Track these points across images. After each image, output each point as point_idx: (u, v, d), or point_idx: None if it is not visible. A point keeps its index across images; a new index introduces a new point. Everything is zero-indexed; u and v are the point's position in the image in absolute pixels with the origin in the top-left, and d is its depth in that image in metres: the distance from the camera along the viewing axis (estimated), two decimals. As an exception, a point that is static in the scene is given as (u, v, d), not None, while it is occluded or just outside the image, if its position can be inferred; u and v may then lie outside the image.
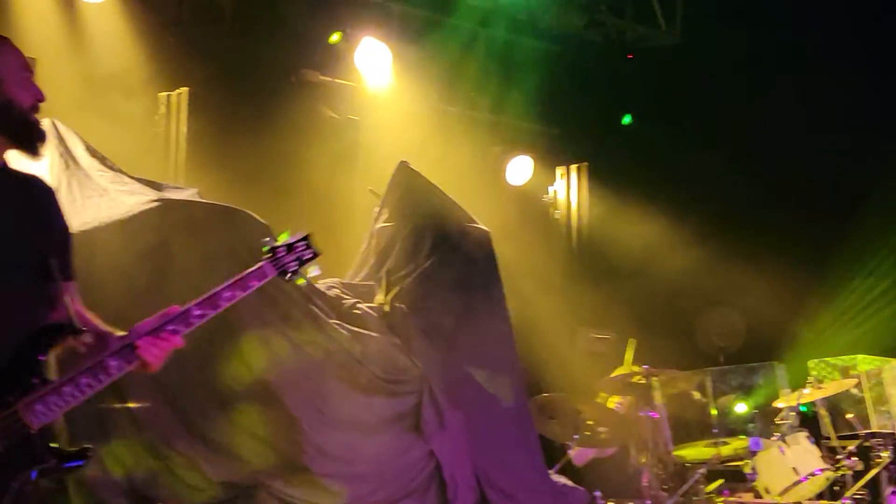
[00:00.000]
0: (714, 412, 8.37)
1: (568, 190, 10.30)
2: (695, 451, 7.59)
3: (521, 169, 9.87)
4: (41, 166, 3.54)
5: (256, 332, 4.81)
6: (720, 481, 7.55)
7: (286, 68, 8.32)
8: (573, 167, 10.36)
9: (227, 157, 7.37)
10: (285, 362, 4.83)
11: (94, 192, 5.10)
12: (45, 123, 3.47)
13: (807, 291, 10.47)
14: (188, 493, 4.71)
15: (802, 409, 8.27)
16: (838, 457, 7.68)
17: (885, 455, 7.74)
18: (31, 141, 3.17)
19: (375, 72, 8.63)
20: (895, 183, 10.75)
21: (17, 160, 3.22)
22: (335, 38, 8.50)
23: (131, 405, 4.68)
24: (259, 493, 4.66)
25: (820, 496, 7.80)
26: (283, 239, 3.23)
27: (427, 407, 5.18)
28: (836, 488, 7.74)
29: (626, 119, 10.86)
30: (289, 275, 3.22)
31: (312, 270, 3.29)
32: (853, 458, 7.60)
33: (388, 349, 5.20)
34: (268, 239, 3.24)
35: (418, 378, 5.21)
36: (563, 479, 6.15)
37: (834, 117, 10.12)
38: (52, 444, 3.02)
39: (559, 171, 10.39)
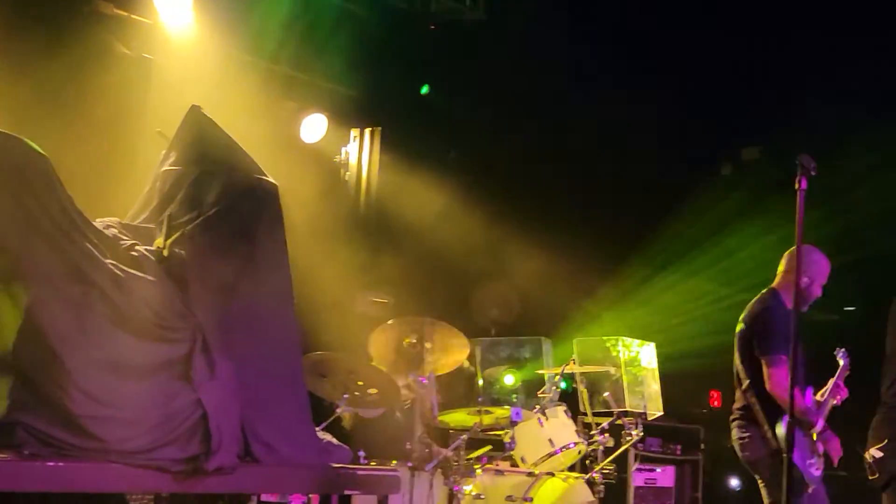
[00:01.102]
0: (480, 381, 8.65)
1: (360, 153, 10.33)
2: (459, 418, 7.81)
3: (314, 127, 9.84)
4: None
5: (22, 263, 4.62)
6: (488, 447, 7.80)
7: (80, -4, 8.00)
8: (367, 130, 10.40)
9: (5, 80, 7.02)
10: (51, 297, 4.66)
11: None
12: None
13: (581, 273, 10.93)
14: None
15: (564, 384, 8.67)
16: (592, 432, 8.11)
17: (635, 433, 8.23)
18: None
19: (175, 11, 8.39)
20: (677, 176, 11.35)
21: None
22: (135, -29, 8.24)
23: None
24: (17, 430, 4.49)
25: (572, 468, 8.21)
26: None
27: (198, 355, 5.11)
28: (587, 462, 8.16)
29: (425, 89, 10.99)
30: None
31: None
32: (605, 435, 8.04)
33: (163, 294, 5.10)
34: None
35: (192, 326, 5.13)
36: (328, 437, 6.22)
37: (633, 105, 10.55)
38: None
39: (353, 132, 10.41)
